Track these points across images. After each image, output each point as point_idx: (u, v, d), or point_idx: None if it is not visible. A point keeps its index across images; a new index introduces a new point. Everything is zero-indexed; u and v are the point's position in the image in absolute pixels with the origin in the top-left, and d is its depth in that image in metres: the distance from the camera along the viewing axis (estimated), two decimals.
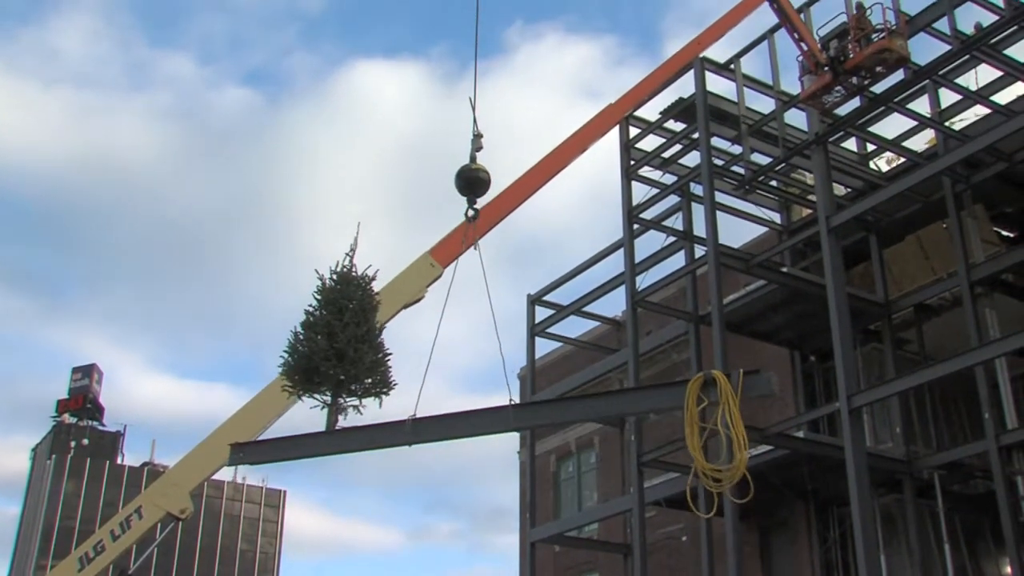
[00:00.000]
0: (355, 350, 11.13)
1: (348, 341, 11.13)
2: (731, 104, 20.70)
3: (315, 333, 11.21)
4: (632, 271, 21.16)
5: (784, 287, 19.53)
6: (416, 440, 10.64)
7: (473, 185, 12.95)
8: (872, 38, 17.40)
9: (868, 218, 19.39)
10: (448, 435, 10.73)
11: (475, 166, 12.95)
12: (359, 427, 11.18)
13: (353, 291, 11.53)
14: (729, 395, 9.03)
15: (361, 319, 11.39)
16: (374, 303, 11.70)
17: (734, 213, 21.72)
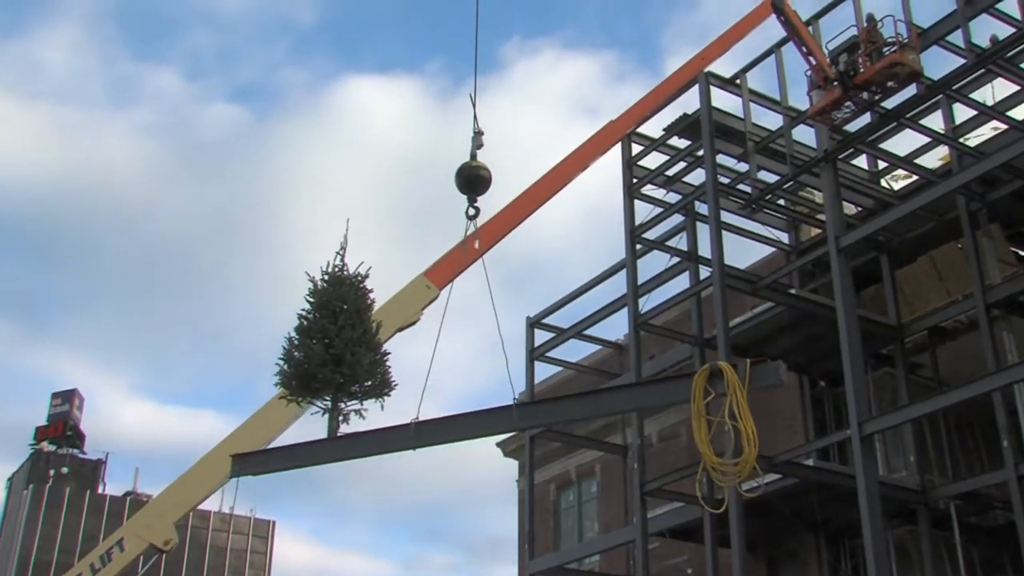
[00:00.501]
0: (352, 353, 11.14)
1: (345, 345, 11.15)
2: (737, 120, 20.64)
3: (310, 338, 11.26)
4: (634, 293, 21.05)
5: (792, 310, 19.43)
6: (420, 444, 10.71)
7: (473, 183, 12.99)
8: (883, 52, 17.35)
9: (880, 238, 19.30)
10: (452, 437, 10.77)
11: (475, 163, 13.00)
12: (361, 432, 11.26)
13: (346, 292, 11.57)
14: (736, 386, 9.06)
15: (356, 320, 11.42)
16: (368, 302, 11.71)
17: (740, 233, 21.64)
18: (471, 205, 13.13)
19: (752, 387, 9.21)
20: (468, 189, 13.08)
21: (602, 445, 25.27)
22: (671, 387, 10.28)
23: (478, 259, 15.79)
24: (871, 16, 17.95)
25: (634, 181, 21.80)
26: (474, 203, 13.13)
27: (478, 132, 13.17)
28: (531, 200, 17.68)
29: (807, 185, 20.75)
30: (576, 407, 11.32)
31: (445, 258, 15.91)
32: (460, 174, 13.03)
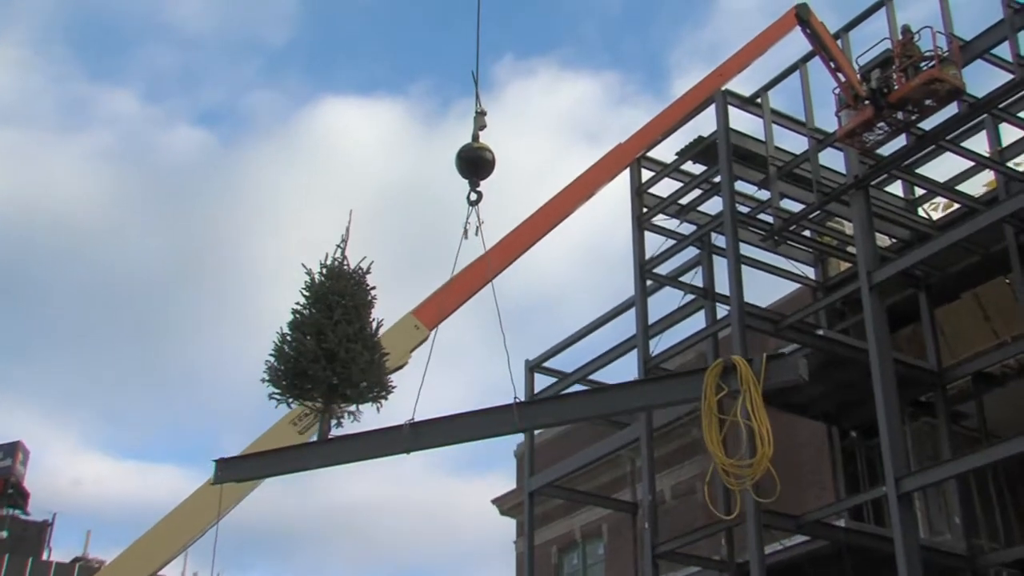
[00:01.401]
0: (347, 350, 11.24)
1: (339, 341, 11.26)
2: (757, 143, 20.32)
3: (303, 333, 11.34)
4: (644, 333, 20.74)
5: (820, 352, 18.97)
6: (415, 446, 10.91)
7: (476, 166, 12.92)
8: (920, 67, 16.99)
9: (917, 273, 18.93)
10: (449, 439, 10.97)
11: (477, 145, 12.98)
12: (353, 435, 11.41)
13: (344, 286, 11.66)
14: (751, 382, 9.11)
15: (353, 316, 11.51)
16: (368, 298, 11.77)
17: (761, 267, 21.34)
18: (473, 190, 12.94)
19: (769, 384, 9.15)
20: (470, 172, 12.90)
21: (609, 502, 24.89)
22: (681, 384, 10.13)
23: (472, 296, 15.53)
24: (907, 28, 17.57)
25: (644, 210, 21.51)
26: (476, 187, 12.94)
27: (480, 112, 13.09)
28: (529, 233, 17.30)
29: (835, 215, 20.44)
30: (581, 406, 11.35)
31: (435, 295, 15.57)
32: (461, 156, 12.90)
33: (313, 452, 11.48)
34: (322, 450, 11.39)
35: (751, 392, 9.05)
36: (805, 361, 9.51)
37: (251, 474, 11.91)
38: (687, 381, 9.77)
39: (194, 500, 14.15)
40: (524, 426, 11.13)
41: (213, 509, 13.53)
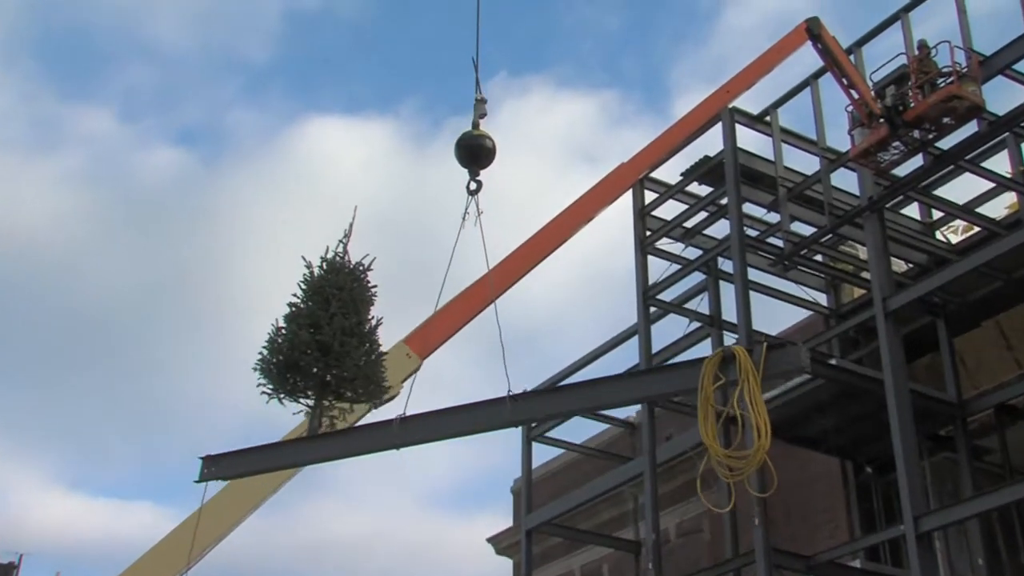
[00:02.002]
0: (342, 343, 11.35)
1: (334, 334, 11.35)
2: (766, 163, 20.14)
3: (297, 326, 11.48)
4: (648, 363, 20.51)
5: (833, 383, 18.63)
6: (405, 441, 11.01)
7: (476, 154, 13.04)
8: (938, 84, 16.85)
9: (935, 300, 18.64)
10: (441, 434, 11.06)
11: (477, 132, 13.10)
12: (342, 431, 11.65)
13: (343, 280, 11.81)
14: (750, 372, 9.26)
15: (351, 310, 11.64)
16: (368, 295, 11.92)
17: (770, 294, 21.16)
18: (472, 179, 13.05)
19: (769, 373, 9.39)
20: (469, 161, 13.01)
21: (611, 541, 24.66)
22: (679, 375, 10.34)
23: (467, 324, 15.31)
24: (923, 42, 17.40)
25: (647, 234, 21.36)
26: (476, 176, 13.05)
27: (480, 99, 13.16)
28: (527, 257, 17.16)
29: (848, 238, 20.26)
30: (576, 398, 11.32)
31: (428, 323, 15.34)
32: (460, 144, 13.03)
33: (302, 448, 11.56)
34: (311, 446, 11.47)
35: (750, 382, 9.20)
36: (807, 350, 9.81)
37: (237, 471, 11.85)
38: (685, 371, 9.89)
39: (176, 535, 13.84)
40: (517, 419, 11.26)
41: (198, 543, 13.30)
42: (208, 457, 11.75)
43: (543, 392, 12.84)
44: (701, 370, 9.36)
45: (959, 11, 17.61)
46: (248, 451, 11.91)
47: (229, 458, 11.91)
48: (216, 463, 11.81)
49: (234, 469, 11.86)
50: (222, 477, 11.95)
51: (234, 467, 11.84)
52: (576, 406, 11.74)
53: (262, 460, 11.65)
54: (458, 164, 13.08)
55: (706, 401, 9.39)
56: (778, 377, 9.60)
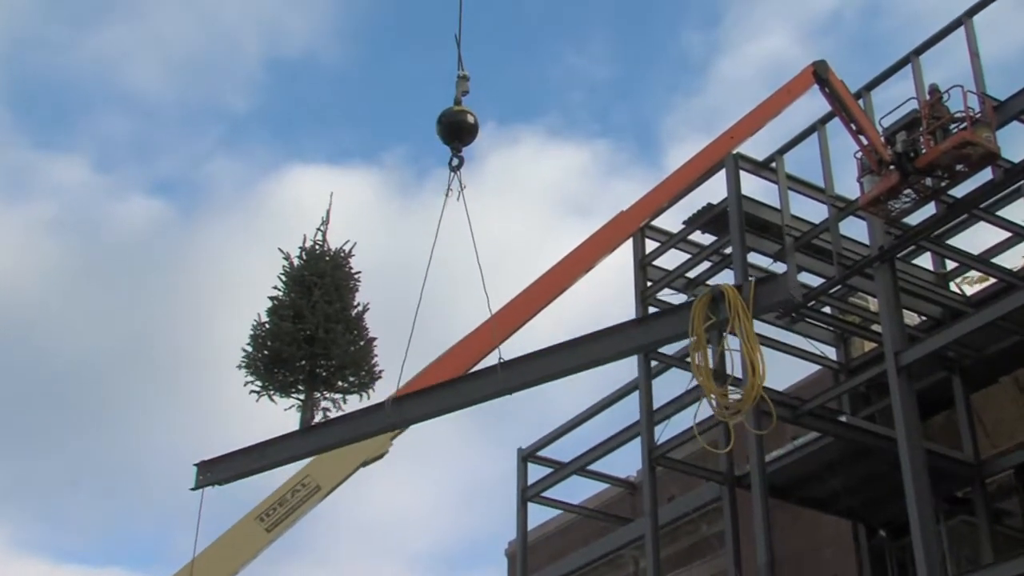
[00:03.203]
0: (326, 330, 11.72)
1: (318, 322, 11.68)
2: (772, 211, 20.04)
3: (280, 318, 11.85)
4: (649, 419, 20.32)
5: (843, 441, 18.63)
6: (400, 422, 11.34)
7: (458, 130, 13.25)
8: (950, 129, 16.77)
9: (950, 354, 18.47)
10: (434, 411, 11.29)
11: (459, 108, 13.31)
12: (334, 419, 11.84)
13: (323, 267, 12.15)
14: (740, 308, 9.57)
15: (333, 296, 11.98)
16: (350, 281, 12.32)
17: (777, 347, 20.98)
18: (455, 155, 13.28)
19: (759, 307, 9.67)
20: (452, 137, 13.23)
21: None
22: (670, 320, 10.72)
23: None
24: (935, 87, 17.37)
25: (648, 284, 21.22)
26: (458, 152, 13.30)
27: (463, 76, 13.36)
28: (522, 310, 16.96)
29: (858, 290, 20.18)
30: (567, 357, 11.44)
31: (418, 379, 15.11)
32: (442, 120, 13.23)
33: (297, 440, 11.66)
34: (306, 438, 11.69)
35: (741, 318, 9.54)
36: (797, 281, 9.90)
37: (235, 472, 11.93)
38: (675, 316, 10.31)
39: None
40: (509, 385, 11.35)
41: None
42: (203, 463, 11.96)
43: (533, 355, 12.49)
44: (691, 311, 9.68)
45: (972, 55, 17.55)
46: (241, 451, 12.05)
47: (223, 461, 12.09)
48: (211, 468, 11.99)
49: (229, 471, 11.99)
50: (217, 482, 12.02)
51: (229, 469, 11.99)
52: (569, 365, 11.74)
53: (259, 458, 11.77)
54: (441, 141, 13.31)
55: (698, 341, 9.69)
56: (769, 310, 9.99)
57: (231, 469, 11.90)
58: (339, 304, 11.98)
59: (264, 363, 11.68)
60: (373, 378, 12.16)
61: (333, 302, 11.96)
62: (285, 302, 12.06)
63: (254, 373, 11.88)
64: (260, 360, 11.73)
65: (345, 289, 12.23)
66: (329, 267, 12.28)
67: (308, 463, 14.33)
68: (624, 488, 25.32)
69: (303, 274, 12.16)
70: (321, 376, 11.69)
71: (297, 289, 12.09)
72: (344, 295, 12.19)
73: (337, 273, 12.34)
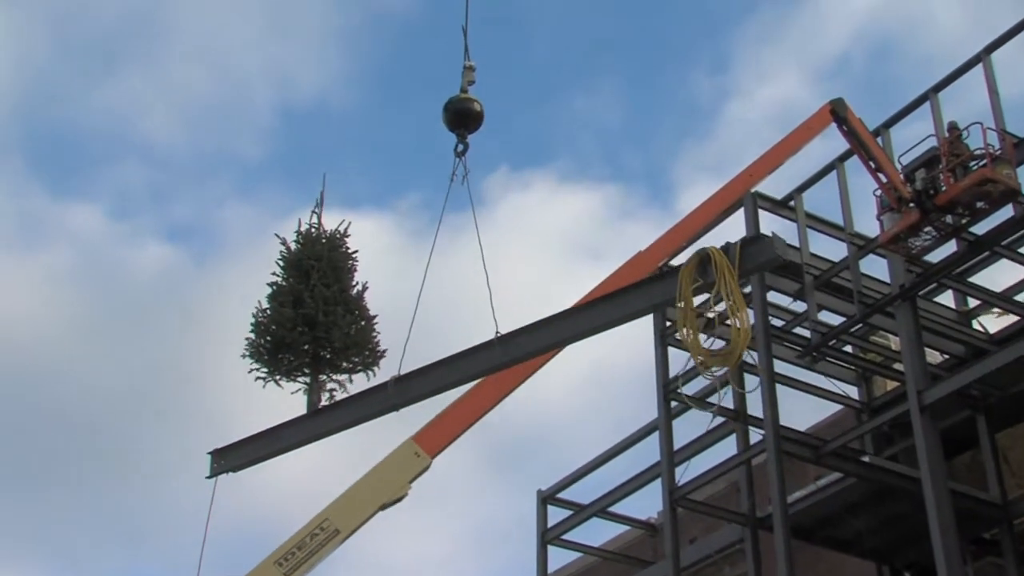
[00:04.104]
0: (326, 313, 11.88)
1: (317, 305, 11.86)
2: (791, 250, 19.63)
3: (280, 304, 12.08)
4: (670, 461, 20.26)
5: (866, 482, 18.48)
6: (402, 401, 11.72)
7: (464, 117, 13.63)
8: (970, 166, 16.76)
9: (973, 393, 18.26)
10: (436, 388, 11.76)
11: (465, 96, 13.71)
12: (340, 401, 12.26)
13: (319, 250, 12.35)
14: (726, 268, 10.04)
15: (331, 279, 12.18)
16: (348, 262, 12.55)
17: (798, 387, 20.85)
18: (460, 141, 13.70)
19: (745, 268, 10.14)
20: (458, 124, 13.61)
21: None
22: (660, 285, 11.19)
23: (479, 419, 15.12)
24: (953, 124, 17.39)
25: (667, 324, 21.07)
26: (464, 139, 13.72)
27: (469, 66, 13.75)
28: None
29: (879, 328, 20.04)
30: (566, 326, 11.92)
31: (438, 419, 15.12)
32: (449, 107, 13.61)
33: (305, 425, 12.27)
34: (313, 422, 12.22)
35: (726, 278, 10.02)
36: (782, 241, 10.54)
37: (248, 459, 12.44)
38: (665, 282, 10.88)
39: None
40: (508, 358, 11.74)
41: None
42: (216, 451, 12.42)
43: (530, 326, 12.79)
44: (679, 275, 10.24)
45: (990, 92, 17.57)
46: (253, 437, 12.50)
47: (236, 448, 12.59)
48: (224, 455, 12.46)
49: (242, 458, 12.48)
50: (231, 469, 12.46)
51: (242, 456, 12.50)
52: (568, 334, 12.13)
53: (270, 443, 12.30)
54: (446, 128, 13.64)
55: (685, 304, 10.22)
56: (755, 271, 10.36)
57: (244, 456, 12.34)
58: (337, 286, 12.18)
59: (267, 349, 11.91)
60: (377, 357, 12.36)
61: (331, 284, 12.16)
62: (284, 288, 12.27)
63: (258, 360, 12.09)
64: (263, 347, 11.95)
65: (342, 270, 12.46)
66: (326, 249, 12.49)
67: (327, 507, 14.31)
68: (645, 530, 25.16)
69: (300, 258, 12.37)
70: (325, 358, 11.90)
71: (295, 274, 12.30)
72: (342, 276, 12.41)
73: (334, 255, 12.52)
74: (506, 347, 11.45)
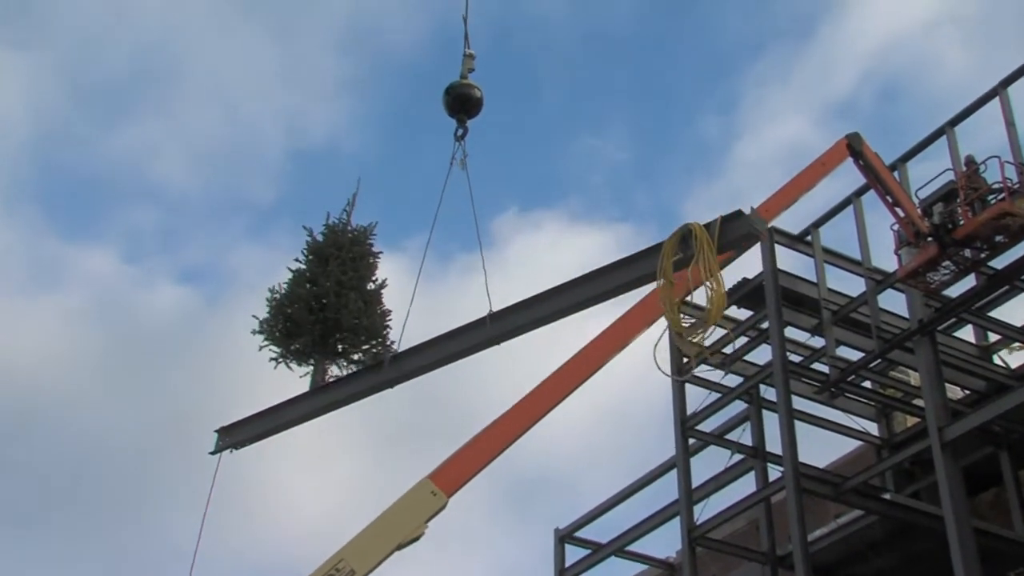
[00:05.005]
0: (338, 295, 12.25)
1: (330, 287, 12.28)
2: (809, 285, 20.01)
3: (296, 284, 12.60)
4: (688, 498, 20.17)
5: (888, 520, 18.33)
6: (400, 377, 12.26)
7: (464, 103, 14.17)
8: (988, 200, 16.72)
9: (995, 429, 18.08)
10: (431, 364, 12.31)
11: (465, 82, 14.24)
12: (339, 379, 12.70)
13: (342, 240, 12.76)
14: (705, 242, 10.68)
15: (349, 266, 12.56)
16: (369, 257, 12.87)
17: (817, 423, 20.76)
18: (460, 126, 14.20)
19: (724, 242, 10.72)
20: (458, 109, 14.11)
21: None
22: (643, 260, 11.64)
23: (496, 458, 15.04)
24: (970, 158, 17.35)
25: (684, 361, 20.42)
26: (464, 123, 14.21)
27: (469, 54, 14.32)
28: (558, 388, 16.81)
29: (899, 364, 19.91)
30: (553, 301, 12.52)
31: (454, 458, 15.05)
32: (450, 92, 14.13)
33: (308, 401, 12.84)
34: (316, 397, 12.75)
35: (705, 250, 10.63)
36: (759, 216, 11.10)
37: (252, 434, 12.97)
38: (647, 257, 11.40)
39: None
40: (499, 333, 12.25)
41: None
42: (222, 428, 12.94)
43: (518, 304, 13.31)
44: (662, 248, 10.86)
45: (1007, 124, 17.54)
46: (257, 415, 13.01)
47: (241, 425, 13.12)
48: (229, 432, 12.99)
49: (246, 434, 13.02)
50: (235, 445, 12.98)
51: (246, 432, 13.03)
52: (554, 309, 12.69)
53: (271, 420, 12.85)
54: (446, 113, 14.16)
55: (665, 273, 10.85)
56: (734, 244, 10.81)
57: (248, 431, 12.88)
58: (354, 274, 12.53)
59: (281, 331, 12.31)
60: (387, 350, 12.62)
61: (348, 271, 12.52)
62: (304, 272, 12.71)
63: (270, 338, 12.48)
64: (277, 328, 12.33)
65: (362, 263, 12.79)
66: (348, 242, 12.88)
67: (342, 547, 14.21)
68: (663, 569, 24.92)
69: (323, 248, 12.80)
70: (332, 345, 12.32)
71: (315, 260, 12.73)
72: (360, 267, 12.73)
73: (355, 248, 12.90)
74: (496, 323, 12.07)
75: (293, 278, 12.73)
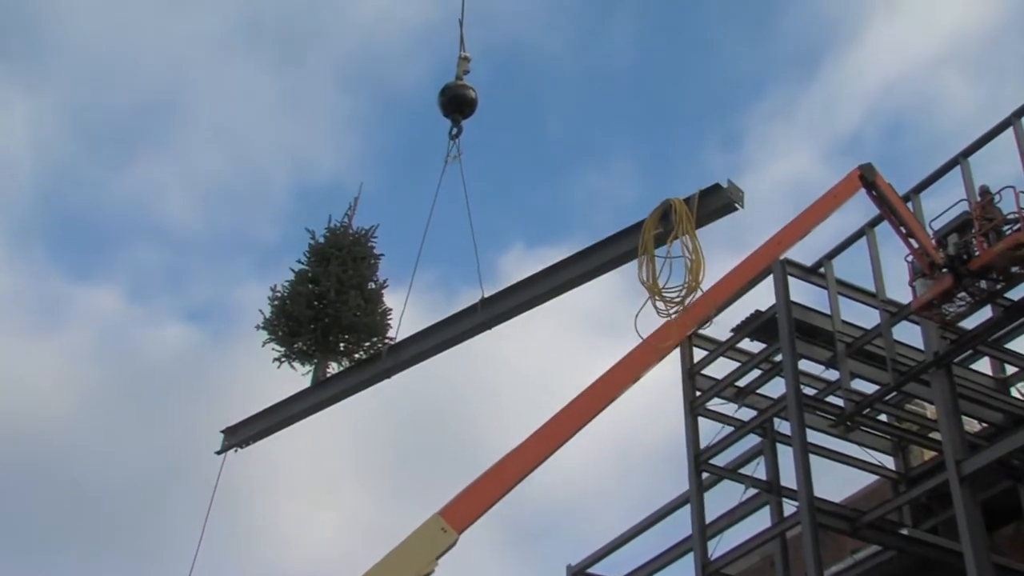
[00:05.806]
0: (338, 292, 12.44)
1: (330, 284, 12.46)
2: (822, 318, 19.89)
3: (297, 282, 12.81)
4: (702, 534, 20.04)
5: (905, 555, 18.20)
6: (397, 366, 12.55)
7: (459, 103, 14.45)
8: (1003, 230, 16.61)
9: (1015, 463, 17.79)
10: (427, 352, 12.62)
11: (460, 83, 14.56)
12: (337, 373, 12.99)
13: (343, 241, 12.97)
14: (684, 215, 11.09)
15: (349, 265, 12.76)
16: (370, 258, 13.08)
17: (832, 457, 20.67)
18: (455, 125, 14.43)
19: (703, 215, 11.06)
20: (453, 109, 14.37)
21: None
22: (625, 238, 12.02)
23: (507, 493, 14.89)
24: (985, 188, 17.26)
25: (697, 394, 21.03)
26: (458, 123, 14.46)
27: (464, 57, 14.66)
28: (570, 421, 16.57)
29: (915, 396, 19.80)
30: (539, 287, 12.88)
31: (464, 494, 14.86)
32: (446, 93, 14.42)
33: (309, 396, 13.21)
34: (316, 392, 13.10)
35: (683, 223, 11.05)
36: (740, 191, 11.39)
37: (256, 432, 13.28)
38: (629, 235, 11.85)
39: None
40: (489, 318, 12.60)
41: None
42: (228, 428, 13.25)
43: (508, 289, 13.61)
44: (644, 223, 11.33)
45: (1022, 154, 17.44)
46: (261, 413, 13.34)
47: (245, 424, 13.47)
48: (235, 432, 13.30)
49: (251, 431, 13.33)
50: (240, 444, 13.22)
51: (251, 430, 13.33)
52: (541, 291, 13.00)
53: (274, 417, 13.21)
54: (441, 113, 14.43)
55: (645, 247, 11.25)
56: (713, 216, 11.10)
57: (252, 429, 13.20)
58: (354, 272, 12.74)
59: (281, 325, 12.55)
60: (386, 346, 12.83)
61: (348, 269, 12.72)
62: (306, 271, 12.94)
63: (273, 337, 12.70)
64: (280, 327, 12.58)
65: (363, 262, 13.01)
66: (349, 243, 13.11)
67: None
68: None
69: (324, 248, 13.04)
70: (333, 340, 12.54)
71: (317, 260, 12.96)
72: (361, 266, 12.95)
73: (356, 249, 13.11)
74: (488, 308, 12.41)
75: (295, 277, 12.97)
